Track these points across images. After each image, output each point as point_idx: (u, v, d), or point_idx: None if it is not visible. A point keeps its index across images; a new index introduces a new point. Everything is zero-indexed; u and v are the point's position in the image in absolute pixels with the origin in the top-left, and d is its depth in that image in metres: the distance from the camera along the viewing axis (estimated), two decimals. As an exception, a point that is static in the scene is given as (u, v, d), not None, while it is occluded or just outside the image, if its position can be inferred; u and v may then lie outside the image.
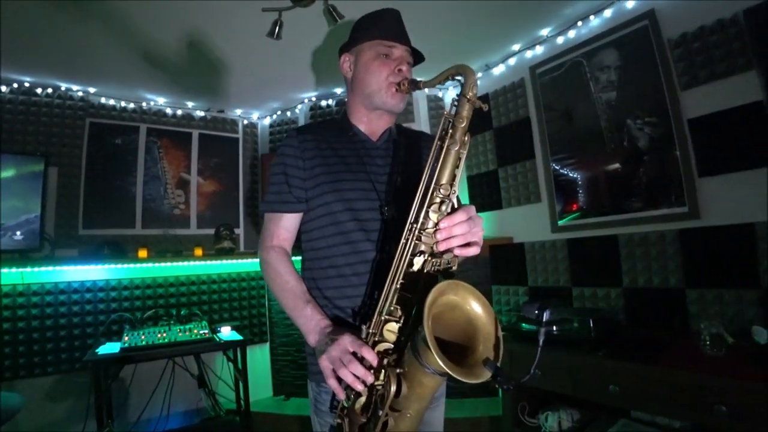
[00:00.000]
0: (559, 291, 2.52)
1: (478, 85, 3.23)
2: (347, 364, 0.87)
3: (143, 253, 2.72)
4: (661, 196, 2.13)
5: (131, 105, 3.15)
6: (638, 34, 2.19)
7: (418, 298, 0.86)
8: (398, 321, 0.90)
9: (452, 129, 0.90)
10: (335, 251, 1.09)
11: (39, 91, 2.81)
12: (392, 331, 0.90)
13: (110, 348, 2.36)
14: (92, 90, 2.97)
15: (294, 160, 1.12)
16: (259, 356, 3.25)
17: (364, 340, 0.90)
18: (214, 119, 3.51)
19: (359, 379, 0.85)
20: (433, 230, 0.89)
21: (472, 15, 2.34)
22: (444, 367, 0.72)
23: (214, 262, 3.07)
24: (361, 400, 0.90)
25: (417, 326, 0.81)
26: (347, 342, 0.90)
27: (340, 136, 1.17)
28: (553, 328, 2.06)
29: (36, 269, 2.56)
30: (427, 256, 0.90)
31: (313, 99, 3.38)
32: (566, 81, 2.51)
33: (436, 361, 0.73)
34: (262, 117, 3.71)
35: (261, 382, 3.16)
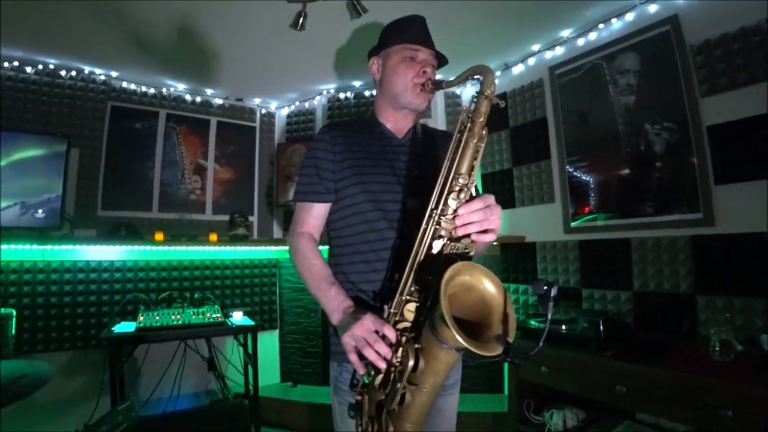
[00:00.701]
0: (569, 291, 2.54)
1: (497, 84, 3.24)
2: (372, 343, 0.92)
3: (159, 236, 2.77)
4: (675, 201, 2.14)
5: (152, 90, 3.19)
6: (660, 38, 2.19)
7: (438, 279, 0.90)
8: (417, 301, 0.96)
9: (471, 123, 0.97)
10: (360, 239, 1.17)
11: (63, 73, 2.85)
12: (411, 311, 0.96)
13: (126, 327, 2.42)
14: (114, 74, 3.01)
15: (325, 153, 1.20)
16: (268, 342, 3.30)
17: (386, 320, 0.96)
18: (233, 107, 3.55)
19: (381, 356, 0.91)
20: (452, 216, 0.95)
21: (492, 15, 2.35)
22: (460, 341, 0.77)
23: (227, 248, 3.11)
24: (380, 376, 0.96)
25: (435, 305, 0.87)
26: (370, 321, 0.95)
27: (368, 133, 1.25)
28: (562, 327, 2.09)
29: (56, 247, 2.63)
30: (446, 240, 0.96)
31: (331, 91, 3.41)
32: (585, 83, 2.51)
33: (452, 336, 0.77)
34: (279, 107, 3.75)
35: (269, 368, 3.21)
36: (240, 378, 2.95)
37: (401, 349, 0.93)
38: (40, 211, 2.61)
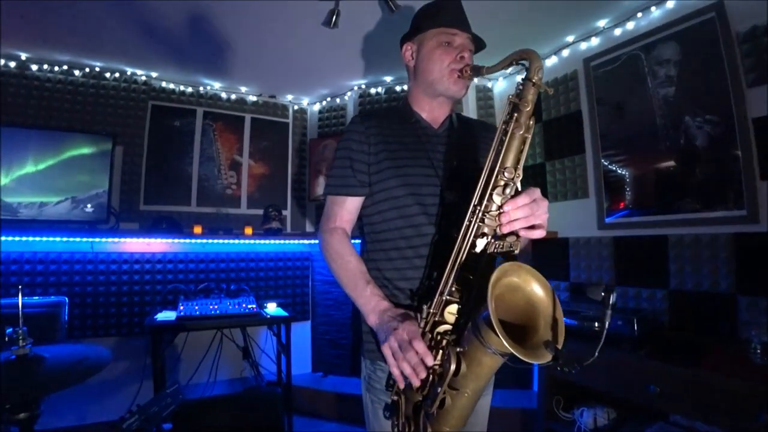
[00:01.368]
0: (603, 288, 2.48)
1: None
2: (406, 355, 0.89)
3: (198, 230, 2.89)
4: (717, 197, 2.05)
5: (189, 89, 3.32)
6: (703, 26, 2.09)
7: (480, 278, 0.87)
8: (459, 302, 0.92)
9: (517, 113, 0.90)
10: (397, 234, 1.12)
11: (108, 75, 3.00)
12: (452, 313, 0.92)
13: (167, 316, 2.55)
14: (154, 74, 3.15)
15: (359, 145, 1.15)
16: (300, 333, 3.40)
17: (422, 330, 0.92)
18: (266, 104, 3.64)
19: (416, 372, 0.88)
20: (497, 213, 0.90)
21: (524, 6, 2.30)
22: (507, 347, 0.73)
23: (262, 241, 3.21)
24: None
25: (478, 307, 0.83)
26: (406, 332, 0.92)
27: (402, 123, 1.20)
28: (595, 324, 2.06)
29: (103, 240, 2.79)
30: (489, 238, 0.91)
31: (362, 86, 3.43)
32: (622, 75, 2.43)
33: (498, 341, 0.73)
34: (311, 103, 3.81)
35: (301, 358, 3.31)
36: (273, 367, 3.05)
37: (441, 352, 0.90)
38: (89, 205, 2.77)
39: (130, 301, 2.88)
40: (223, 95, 3.45)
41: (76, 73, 2.92)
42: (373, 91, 3.41)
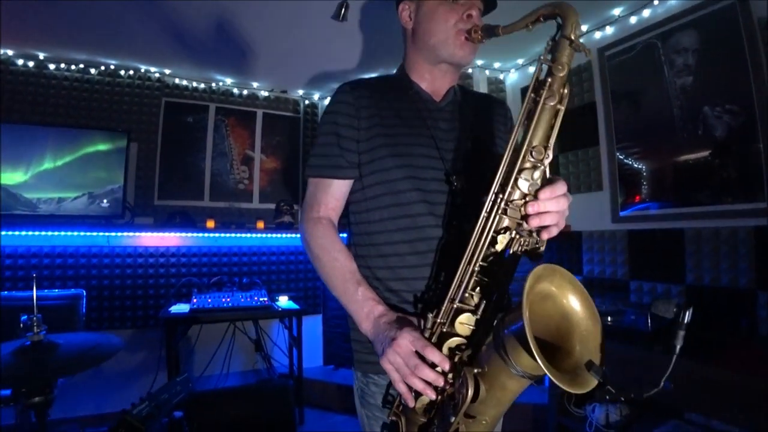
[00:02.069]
0: (616, 283, 2.44)
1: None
2: (415, 370, 0.75)
3: (210, 224, 2.93)
4: (737, 190, 1.98)
5: (202, 85, 3.35)
6: (724, 13, 2.01)
7: (502, 283, 0.73)
8: (474, 311, 0.77)
9: (550, 77, 0.72)
10: (391, 225, 0.96)
11: (122, 72, 3.06)
12: (466, 323, 0.77)
13: (180, 308, 2.60)
14: (167, 71, 3.19)
15: (347, 118, 0.98)
16: (312, 326, 3.42)
17: (426, 338, 0.78)
18: (277, 99, 3.65)
19: (431, 385, 0.74)
20: (522, 203, 0.75)
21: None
22: (544, 370, 0.59)
23: (274, 234, 3.24)
24: (424, 399, 0.78)
25: (503, 318, 0.69)
26: (408, 341, 0.77)
27: (399, 94, 1.03)
28: (608, 319, 2.02)
29: (119, 234, 2.85)
30: (513, 233, 0.75)
31: (372, 80, 3.41)
32: (637, 64, 2.36)
33: (530, 363, 0.61)
34: (322, 97, 3.81)
35: (312, 351, 3.34)
36: (285, 359, 3.08)
37: (454, 372, 0.75)
38: (105, 201, 2.83)
39: (145, 294, 2.94)
40: (235, 91, 3.48)
41: (92, 71, 2.98)
42: (383, 84, 3.38)
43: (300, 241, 1.03)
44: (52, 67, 2.86)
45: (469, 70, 3.13)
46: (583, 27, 2.59)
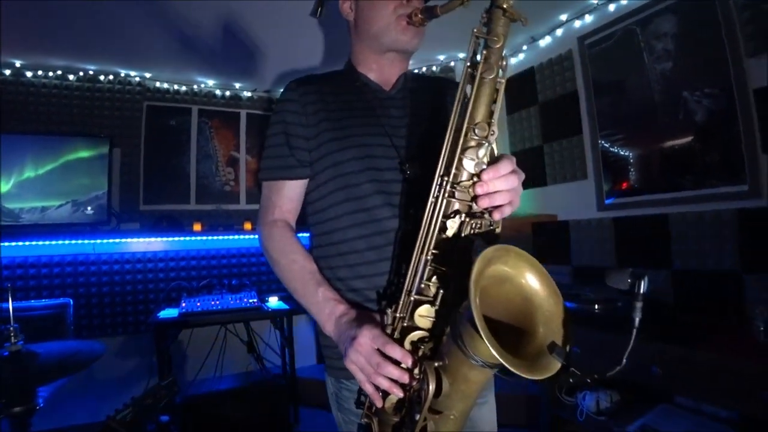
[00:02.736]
0: (605, 271, 2.44)
1: (522, 59, 3.05)
2: (378, 368, 0.73)
3: (197, 227, 2.92)
4: (719, 173, 1.99)
5: (183, 88, 3.32)
6: (700, -4, 2.02)
7: (457, 270, 0.69)
8: (433, 302, 0.74)
9: (486, 50, 0.71)
10: (347, 221, 0.92)
11: (102, 77, 3.02)
12: (425, 316, 0.75)
13: (170, 313, 2.58)
14: (148, 75, 3.15)
15: (295, 116, 0.95)
16: (304, 325, 3.42)
17: (388, 334, 0.76)
18: (261, 99, 3.63)
19: (396, 383, 0.73)
20: (470, 183, 0.72)
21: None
22: (498, 358, 0.57)
23: (262, 236, 3.22)
24: (393, 397, 0.77)
25: (458, 307, 0.66)
26: (369, 339, 0.75)
27: (348, 87, 1.00)
28: (595, 307, 2.03)
29: (105, 241, 2.82)
30: (464, 216, 0.73)
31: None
32: (617, 52, 2.36)
33: (487, 351, 0.57)
34: (306, 96, 3.79)
35: (306, 350, 3.33)
36: (278, 360, 3.07)
37: (417, 366, 0.73)
38: (89, 208, 2.81)
39: (134, 300, 2.92)
40: (218, 92, 3.45)
41: (71, 77, 2.94)
42: (367, 80, 3.36)
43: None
44: (29, 74, 2.82)
45: (452, 63, 3.12)
46: (563, 16, 2.59)
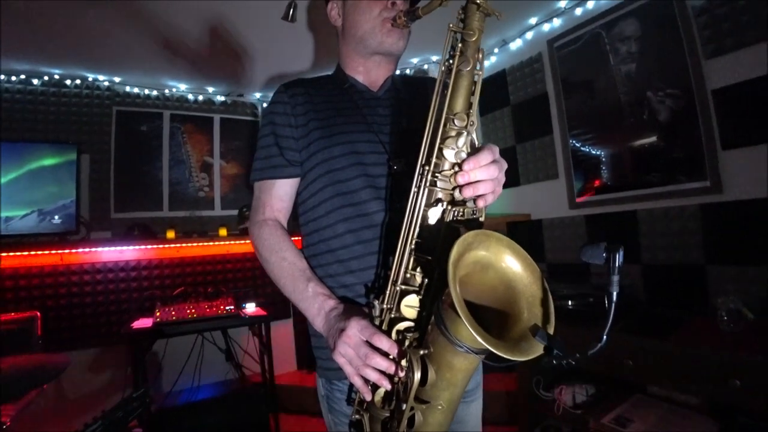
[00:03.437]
0: (578, 268, 2.51)
1: (494, 61, 3.09)
2: (366, 359, 0.74)
3: (171, 234, 2.85)
4: (682, 170, 2.07)
5: (154, 92, 3.25)
6: (660, 1, 2.10)
7: (441, 258, 0.70)
8: (418, 291, 0.76)
9: (462, 44, 0.74)
10: (336, 216, 0.94)
11: (68, 82, 2.93)
12: (411, 306, 0.76)
13: (143, 323, 2.51)
14: (117, 79, 3.07)
15: (284, 118, 0.99)
16: (283, 331, 3.38)
17: (376, 326, 0.77)
18: (234, 103, 3.58)
19: (384, 374, 0.73)
20: (451, 172, 0.74)
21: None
22: (481, 342, 0.56)
23: (238, 241, 3.18)
24: (381, 391, 0.77)
25: (441, 294, 0.67)
26: (357, 330, 0.76)
27: (334, 89, 1.04)
28: (569, 302, 2.08)
29: (74, 251, 2.73)
30: (446, 204, 0.75)
31: (330, 80, 3.39)
32: (585, 54, 2.44)
33: (469, 335, 0.57)
34: (280, 100, 3.76)
35: (285, 357, 3.29)
36: (258, 367, 3.03)
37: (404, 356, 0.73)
38: (56, 217, 2.71)
39: (106, 310, 2.83)
40: (190, 96, 3.39)
41: (35, 82, 2.84)
42: (342, 84, 3.36)
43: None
44: (-11, 79, 2.72)
45: (425, 66, 3.14)
46: (532, 20, 2.66)
